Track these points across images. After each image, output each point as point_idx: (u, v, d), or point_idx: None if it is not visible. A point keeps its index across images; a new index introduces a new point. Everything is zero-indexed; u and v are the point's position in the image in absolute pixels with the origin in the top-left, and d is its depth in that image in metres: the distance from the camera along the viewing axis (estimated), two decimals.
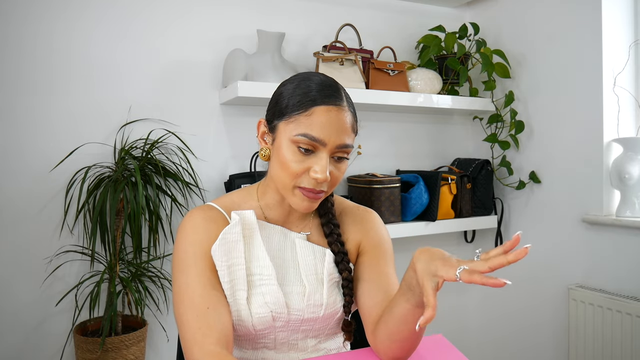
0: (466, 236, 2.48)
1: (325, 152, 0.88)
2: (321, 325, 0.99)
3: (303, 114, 0.88)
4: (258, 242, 0.96)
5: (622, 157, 1.83)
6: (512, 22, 2.24)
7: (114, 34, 1.79)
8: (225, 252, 0.92)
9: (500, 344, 2.38)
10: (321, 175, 0.87)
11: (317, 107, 0.88)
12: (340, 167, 0.92)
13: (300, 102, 0.89)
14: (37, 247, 1.68)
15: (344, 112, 0.89)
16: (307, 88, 0.90)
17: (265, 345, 0.97)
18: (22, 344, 1.67)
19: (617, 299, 1.78)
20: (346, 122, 0.89)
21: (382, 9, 2.30)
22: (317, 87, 0.90)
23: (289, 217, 1.02)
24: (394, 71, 2.06)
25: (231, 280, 0.92)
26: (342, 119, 0.89)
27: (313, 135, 0.87)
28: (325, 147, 0.88)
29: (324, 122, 0.87)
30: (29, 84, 1.67)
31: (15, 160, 1.66)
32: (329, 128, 0.87)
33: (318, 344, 1.01)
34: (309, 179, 0.89)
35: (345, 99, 0.92)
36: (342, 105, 0.90)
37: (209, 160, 1.90)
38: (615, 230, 1.85)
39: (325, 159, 0.88)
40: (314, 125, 0.87)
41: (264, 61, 1.81)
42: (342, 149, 0.90)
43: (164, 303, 1.84)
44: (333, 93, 0.90)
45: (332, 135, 0.88)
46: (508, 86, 2.24)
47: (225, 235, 0.92)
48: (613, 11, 1.88)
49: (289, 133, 0.89)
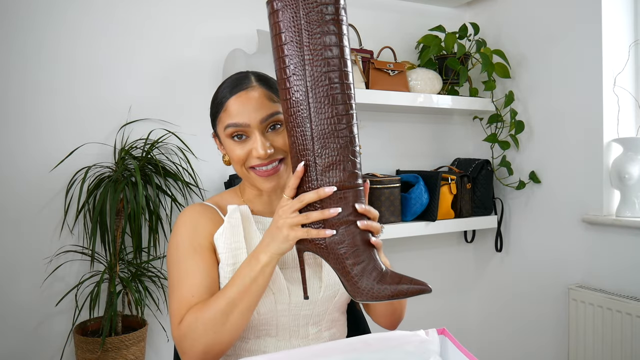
0: (466, 236, 2.48)
1: (255, 131, 0.96)
2: (321, 309, 1.02)
3: (222, 111, 0.99)
4: (254, 232, 1.01)
5: (622, 157, 1.83)
6: (512, 22, 2.24)
7: (114, 34, 1.79)
8: (229, 235, 0.98)
9: (500, 344, 2.38)
10: (261, 151, 0.95)
11: (229, 100, 0.97)
12: (280, 134, 0.98)
13: (217, 105, 1.00)
14: (37, 247, 1.68)
15: (252, 91, 0.97)
16: (219, 90, 1.01)
17: (267, 332, 0.99)
18: (22, 344, 1.67)
19: (617, 299, 1.78)
20: (258, 97, 0.97)
21: (382, 9, 2.30)
22: (226, 85, 1.00)
23: (273, 206, 1.08)
24: (394, 71, 2.06)
25: (234, 263, 0.97)
26: (252, 97, 0.97)
27: (235, 122, 0.96)
28: (250, 127, 0.96)
29: (238, 109, 0.96)
30: (29, 84, 1.67)
31: (15, 160, 1.66)
32: (243, 111, 0.96)
33: (319, 332, 1.03)
34: (254, 158, 0.97)
35: (256, 79, 0.99)
36: (250, 85, 0.98)
37: (209, 160, 1.90)
38: (615, 230, 1.85)
39: (257, 137, 0.96)
40: (232, 115, 0.97)
41: (264, 61, 1.81)
42: (268, 120, 0.97)
43: (164, 303, 1.84)
44: (239, 82, 0.99)
45: (251, 114, 0.96)
46: (508, 86, 2.24)
47: (229, 219, 0.99)
48: (613, 11, 1.88)
49: (222, 132, 0.99)
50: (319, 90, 0.80)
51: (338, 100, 0.80)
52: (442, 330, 0.84)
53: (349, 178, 0.82)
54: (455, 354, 0.80)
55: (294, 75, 0.80)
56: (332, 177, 0.81)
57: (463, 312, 2.51)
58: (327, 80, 0.79)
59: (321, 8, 0.79)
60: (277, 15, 0.80)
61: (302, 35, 0.79)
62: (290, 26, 0.80)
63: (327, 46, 0.79)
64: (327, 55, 0.79)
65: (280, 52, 0.81)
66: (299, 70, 0.80)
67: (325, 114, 0.80)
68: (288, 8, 0.79)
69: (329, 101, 0.80)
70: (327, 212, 0.81)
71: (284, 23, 0.80)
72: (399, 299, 0.80)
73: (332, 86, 0.80)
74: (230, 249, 0.98)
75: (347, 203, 0.82)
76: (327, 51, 0.79)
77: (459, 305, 2.50)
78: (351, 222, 0.82)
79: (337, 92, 0.80)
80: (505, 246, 2.32)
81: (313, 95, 0.80)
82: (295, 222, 0.83)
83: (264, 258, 0.87)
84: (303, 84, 0.80)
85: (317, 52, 0.79)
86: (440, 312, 2.45)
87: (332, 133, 0.80)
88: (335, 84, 0.80)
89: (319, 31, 0.79)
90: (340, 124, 0.80)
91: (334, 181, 0.81)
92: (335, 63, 0.80)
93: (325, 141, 0.81)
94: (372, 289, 0.79)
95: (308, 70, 0.80)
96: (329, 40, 0.79)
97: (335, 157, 0.81)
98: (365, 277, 0.80)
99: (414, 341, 0.82)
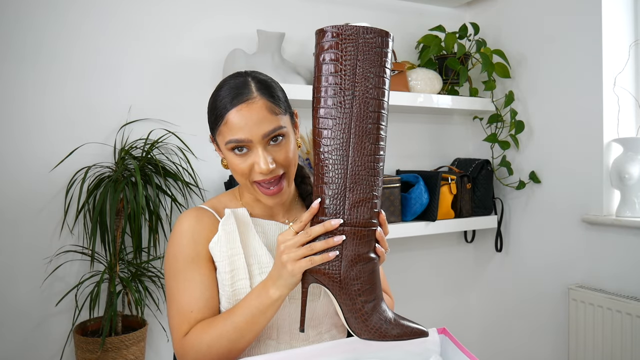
0: (466, 236, 2.48)
1: (257, 146, 0.93)
2: (320, 311, 1.01)
3: (222, 124, 0.95)
4: (253, 235, 1.00)
5: (622, 157, 1.83)
6: (512, 22, 2.24)
7: (114, 34, 1.79)
8: (225, 242, 0.97)
9: (500, 343, 2.38)
10: (263, 167, 0.92)
11: (229, 113, 0.93)
12: (282, 147, 0.96)
13: (216, 116, 0.96)
14: (37, 247, 1.68)
15: (254, 104, 0.93)
16: (218, 98, 0.96)
17: (268, 336, 0.99)
18: (22, 344, 1.67)
19: (617, 299, 1.78)
20: (260, 111, 0.93)
21: (382, 9, 2.30)
22: (225, 94, 0.95)
23: (273, 210, 1.06)
24: (394, 71, 2.06)
25: (232, 270, 0.97)
26: (254, 111, 0.92)
27: (236, 139, 0.93)
28: (252, 142, 0.93)
29: (239, 123, 0.92)
30: (29, 85, 1.67)
31: (15, 160, 1.66)
32: (245, 126, 0.92)
33: (319, 335, 1.03)
34: (257, 173, 0.95)
35: (256, 89, 0.95)
36: (251, 97, 0.94)
37: (209, 160, 1.90)
38: (615, 230, 1.85)
39: (259, 152, 0.93)
40: (233, 129, 0.93)
41: (264, 61, 1.81)
42: (270, 135, 0.93)
43: (164, 303, 1.84)
44: (239, 92, 0.94)
45: (252, 130, 0.92)
46: (508, 86, 2.24)
47: (223, 227, 0.98)
48: (613, 11, 1.88)
49: (222, 144, 0.96)
50: (363, 127, 0.80)
51: (379, 140, 0.82)
52: (443, 330, 0.84)
53: (374, 216, 0.83)
54: (456, 354, 0.80)
55: (340, 106, 0.80)
56: (361, 214, 0.82)
57: (463, 312, 2.51)
58: (372, 119, 0.81)
59: (378, 50, 0.80)
60: (337, 45, 0.80)
61: (356, 71, 0.80)
62: (347, 58, 0.80)
63: (377, 87, 0.80)
64: (374, 96, 0.80)
65: (331, 80, 0.81)
66: (347, 102, 0.80)
67: (365, 151, 0.81)
68: (349, 41, 0.80)
69: (370, 140, 0.81)
70: (332, 240, 0.81)
71: (342, 53, 0.80)
72: (404, 339, 0.81)
73: (377, 126, 0.81)
74: (226, 256, 0.97)
75: (370, 240, 0.83)
76: (376, 91, 0.81)
77: (458, 305, 2.50)
78: (370, 259, 0.83)
79: (379, 133, 0.82)
80: (505, 246, 2.32)
81: (356, 130, 0.81)
82: (299, 256, 0.82)
83: (275, 293, 0.86)
84: (348, 118, 0.80)
85: (367, 91, 0.80)
86: (440, 312, 2.45)
87: (367, 170, 0.81)
88: (378, 124, 0.81)
89: (372, 71, 0.80)
90: (377, 163, 0.82)
91: (363, 218, 0.82)
92: (381, 105, 0.82)
93: (359, 177, 0.81)
94: (381, 328, 0.80)
95: (356, 106, 0.80)
96: (380, 82, 0.81)
97: (367, 194, 0.82)
98: (376, 316, 0.81)
99: (415, 341, 0.82)
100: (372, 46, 0.80)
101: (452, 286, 2.49)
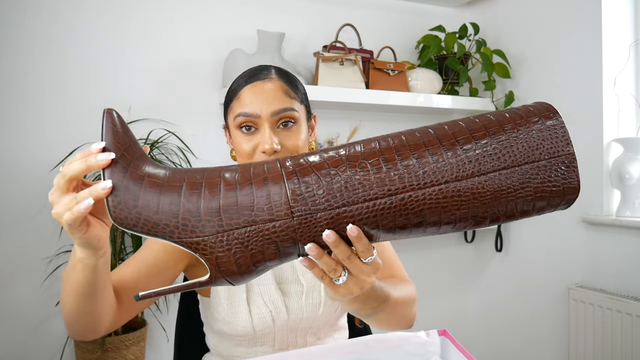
0: (466, 236, 2.48)
1: (264, 124, 0.89)
2: (320, 322, 1.00)
3: (234, 100, 0.92)
4: None
5: (622, 157, 1.83)
6: (512, 22, 2.24)
7: (114, 34, 1.79)
8: None
9: (500, 343, 2.38)
10: (267, 145, 0.87)
11: (244, 89, 0.91)
12: (292, 134, 0.91)
13: (231, 92, 0.94)
14: (37, 247, 1.68)
15: (271, 82, 0.91)
16: (237, 79, 0.95)
17: (263, 343, 0.98)
18: (22, 343, 1.67)
19: (617, 299, 1.78)
20: (274, 89, 0.91)
21: (382, 9, 2.30)
22: (244, 75, 0.94)
23: None
24: (394, 71, 2.06)
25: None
26: (269, 88, 0.90)
27: (245, 112, 0.90)
28: (260, 118, 0.89)
29: (251, 98, 0.90)
30: (29, 85, 1.67)
31: (15, 161, 1.66)
32: (257, 101, 0.90)
33: (317, 341, 1.02)
34: (259, 153, 0.90)
35: (277, 73, 0.94)
36: (269, 77, 0.92)
37: (209, 160, 1.89)
38: (615, 230, 1.85)
39: (266, 129, 0.89)
40: (244, 103, 0.90)
41: (264, 61, 1.81)
42: (280, 115, 0.90)
43: (163, 303, 1.84)
44: (258, 72, 0.93)
45: (263, 105, 0.89)
46: (508, 86, 2.24)
47: None
48: (613, 11, 1.88)
49: (232, 122, 0.93)
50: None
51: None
52: (443, 331, 0.84)
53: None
54: (456, 355, 0.80)
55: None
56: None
57: (463, 312, 2.51)
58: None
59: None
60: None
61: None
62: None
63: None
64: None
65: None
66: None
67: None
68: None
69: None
70: (97, 188, 0.58)
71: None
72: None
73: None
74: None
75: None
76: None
77: (458, 305, 2.50)
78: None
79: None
80: (505, 246, 2.32)
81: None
82: (61, 212, 0.63)
83: (78, 251, 0.71)
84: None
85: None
86: (440, 312, 2.45)
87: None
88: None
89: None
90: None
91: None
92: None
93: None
94: None
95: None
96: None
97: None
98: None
99: (415, 342, 0.82)
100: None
101: (452, 286, 2.49)
